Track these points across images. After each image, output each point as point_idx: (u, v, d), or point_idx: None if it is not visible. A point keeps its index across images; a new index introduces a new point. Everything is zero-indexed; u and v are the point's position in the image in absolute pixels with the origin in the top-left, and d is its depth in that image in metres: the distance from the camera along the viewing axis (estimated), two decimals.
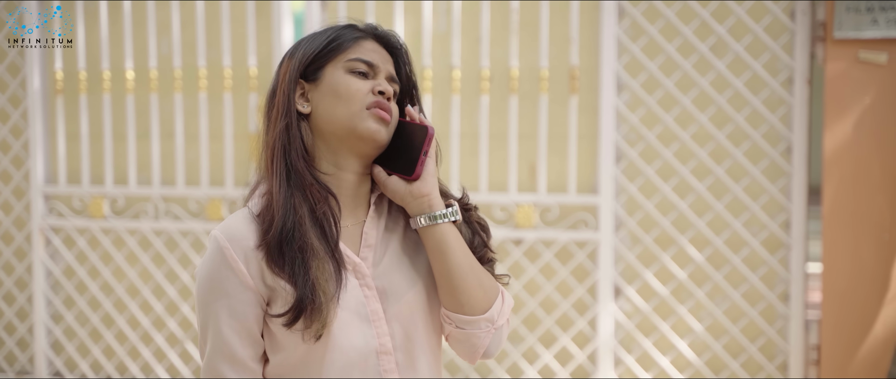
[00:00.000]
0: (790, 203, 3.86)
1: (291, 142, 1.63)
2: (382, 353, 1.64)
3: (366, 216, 1.69)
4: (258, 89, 4.28)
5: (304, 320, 1.56)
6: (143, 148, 4.45)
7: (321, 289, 1.56)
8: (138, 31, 4.42)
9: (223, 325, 1.61)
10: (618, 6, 3.92)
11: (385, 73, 1.68)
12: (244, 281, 1.60)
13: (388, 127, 1.65)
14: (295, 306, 1.56)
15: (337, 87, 1.64)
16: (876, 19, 3.61)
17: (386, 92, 1.64)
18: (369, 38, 1.70)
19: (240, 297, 1.60)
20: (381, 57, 1.68)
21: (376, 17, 4.18)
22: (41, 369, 4.59)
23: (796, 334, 3.87)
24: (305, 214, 1.60)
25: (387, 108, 1.64)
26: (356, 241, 1.67)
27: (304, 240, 1.58)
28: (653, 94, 3.94)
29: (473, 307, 1.65)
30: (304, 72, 1.67)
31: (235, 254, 1.59)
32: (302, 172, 1.62)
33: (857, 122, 3.67)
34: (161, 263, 4.46)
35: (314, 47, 1.67)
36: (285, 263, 1.57)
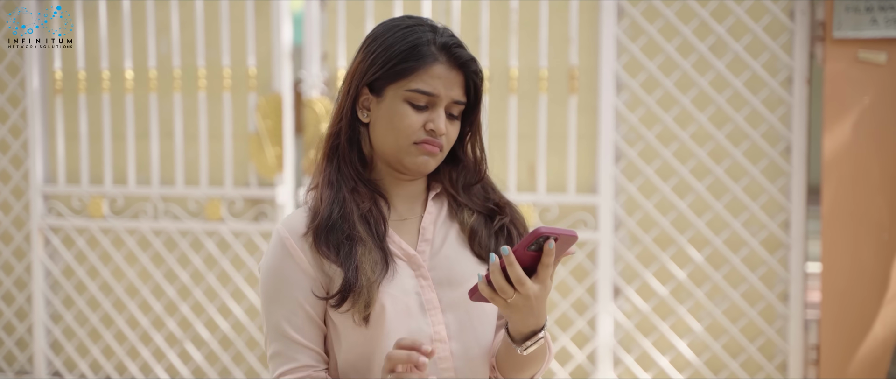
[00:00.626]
0: (789, 203, 3.86)
1: (344, 147, 1.70)
2: (437, 341, 1.68)
3: (424, 211, 1.75)
4: (257, 89, 4.28)
5: (350, 301, 1.62)
6: (142, 148, 4.45)
7: (364, 273, 1.62)
8: (137, 31, 4.42)
9: (288, 311, 1.67)
10: (617, 6, 3.92)
11: (446, 102, 1.68)
12: (304, 268, 1.67)
13: (437, 157, 1.69)
14: (342, 288, 1.63)
15: (392, 116, 1.67)
16: (875, 19, 3.61)
17: (437, 131, 1.66)
18: (438, 60, 1.67)
19: (301, 283, 1.67)
20: (446, 83, 1.67)
21: (375, 18, 4.18)
22: (40, 369, 4.59)
23: (795, 334, 3.87)
24: (353, 209, 1.67)
25: (435, 144, 1.67)
26: (414, 235, 1.73)
27: (351, 229, 1.65)
28: (652, 94, 3.94)
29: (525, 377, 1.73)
30: (371, 82, 1.69)
31: (295, 241, 1.67)
32: (350, 175, 1.70)
33: (856, 122, 3.67)
34: (160, 263, 4.46)
35: (380, 62, 1.68)
36: (332, 248, 1.64)
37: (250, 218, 4.34)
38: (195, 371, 4.46)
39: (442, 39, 1.68)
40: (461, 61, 1.68)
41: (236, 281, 4.36)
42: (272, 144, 4.22)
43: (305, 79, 4.20)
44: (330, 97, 4.24)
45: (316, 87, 4.20)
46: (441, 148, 1.68)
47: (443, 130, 1.66)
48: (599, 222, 3.97)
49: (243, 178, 4.37)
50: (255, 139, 4.24)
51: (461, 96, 1.69)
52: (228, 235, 4.33)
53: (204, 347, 4.45)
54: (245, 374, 4.41)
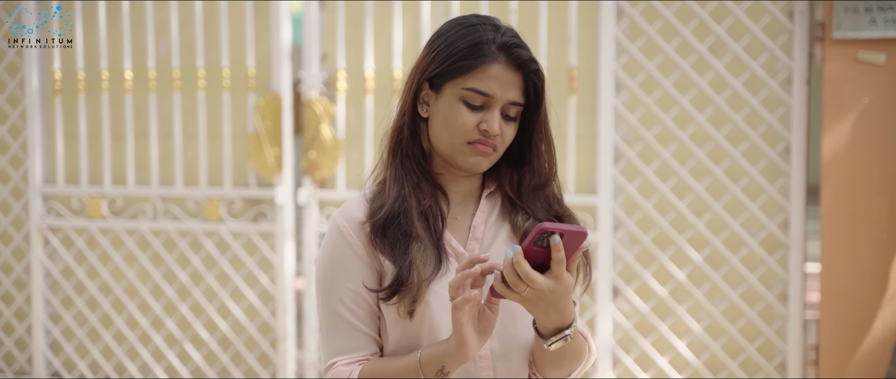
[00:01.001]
0: (789, 203, 3.86)
1: (407, 142, 1.72)
2: None
3: (477, 209, 1.76)
4: (256, 89, 4.28)
5: (399, 296, 1.65)
6: (141, 148, 4.45)
7: (417, 269, 1.65)
8: (137, 32, 4.42)
9: (345, 296, 1.70)
10: (616, 6, 3.92)
11: (502, 103, 1.67)
12: (360, 255, 1.70)
13: (491, 157, 1.69)
14: (393, 283, 1.65)
15: (447, 114, 1.68)
16: (874, 19, 3.61)
17: (490, 131, 1.66)
18: (497, 60, 1.67)
19: (358, 270, 1.70)
20: (503, 83, 1.66)
21: (375, 18, 4.18)
22: (39, 369, 4.58)
23: (795, 334, 3.87)
24: (413, 206, 1.69)
25: (488, 144, 1.67)
26: (465, 233, 1.74)
27: (409, 226, 1.68)
28: (651, 95, 3.94)
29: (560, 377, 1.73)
30: (431, 78, 1.70)
31: (351, 228, 1.71)
32: (413, 171, 1.72)
33: (855, 123, 3.67)
34: (159, 263, 4.46)
35: (441, 58, 1.69)
36: (387, 244, 1.67)
37: (249, 218, 4.34)
38: (194, 371, 4.46)
39: (502, 39, 1.67)
40: (520, 61, 1.67)
41: (235, 281, 4.36)
42: (271, 145, 4.22)
43: (305, 79, 4.20)
44: (329, 97, 4.24)
45: (315, 88, 4.20)
46: (495, 148, 1.68)
47: (496, 131, 1.66)
48: (599, 223, 3.97)
49: (242, 178, 4.37)
50: (255, 140, 4.24)
51: (518, 97, 1.68)
52: (228, 236, 4.33)
53: (203, 347, 4.45)
54: (244, 374, 4.41)
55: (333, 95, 4.23)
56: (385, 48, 4.19)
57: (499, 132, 1.67)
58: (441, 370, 1.61)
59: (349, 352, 1.71)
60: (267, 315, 4.34)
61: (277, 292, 4.28)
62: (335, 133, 4.20)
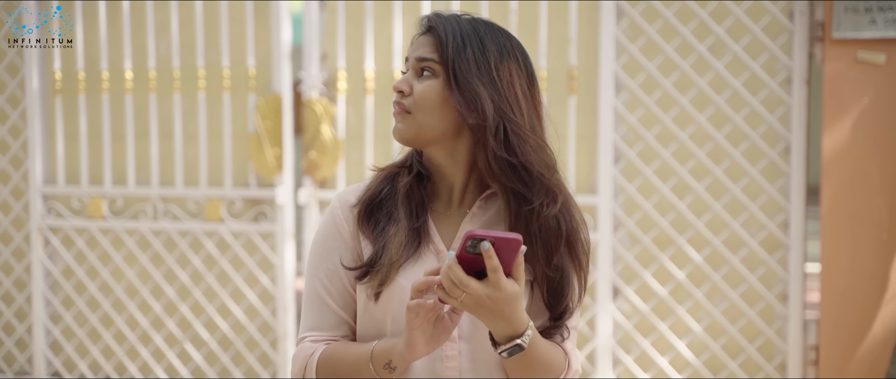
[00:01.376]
0: (789, 203, 3.86)
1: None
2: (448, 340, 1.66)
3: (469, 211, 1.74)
4: (257, 89, 4.28)
5: (369, 276, 1.68)
6: (141, 148, 4.45)
7: (388, 252, 1.67)
8: (137, 32, 4.42)
9: (324, 276, 1.74)
10: (616, 6, 3.92)
11: (412, 65, 1.70)
12: (344, 236, 1.73)
13: (407, 120, 1.68)
14: (366, 262, 1.68)
15: None
16: (874, 19, 3.61)
17: (395, 89, 1.69)
18: (419, 32, 1.72)
19: (338, 250, 1.73)
20: (415, 47, 1.71)
21: (375, 18, 4.18)
22: (40, 370, 4.59)
23: (795, 334, 3.87)
24: (400, 190, 1.71)
25: (398, 104, 1.69)
26: (452, 231, 1.74)
27: (392, 209, 1.70)
28: (651, 95, 3.94)
29: None
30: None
31: (341, 211, 1.75)
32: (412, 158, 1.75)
33: (855, 123, 3.67)
34: (160, 264, 4.46)
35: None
36: (370, 225, 1.71)
37: (250, 218, 4.34)
38: (195, 371, 4.46)
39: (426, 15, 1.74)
40: (426, 24, 1.71)
41: (236, 281, 4.36)
42: (271, 145, 4.22)
43: (305, 79, 4.20)
44: (329, 97, 4.24)
45: (315, 88, 4.20)
46: (406, 109, 1.68)
47: (400, 87, 1.68)
48: (599, 223, 3.97)
49: (243, 178, 4.37)
50: (255, 140, 4.24)
51: (427, 53, 1.68)
52: (228, 236, 4.33)
53: (203, 347, 4.45)
54: (244, 374, 4.41)
55: (333, 95, 4.23)
56: (385, 48, 4.19)
57: (403, 89, 1.68)
58: (388, 364, 1.62)
59: (320, 329, 1.74)
60: (267, 315, 4.34)
61: (278, 292, 4.28)
62: (335, 133, 4.21)
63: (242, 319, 4.37)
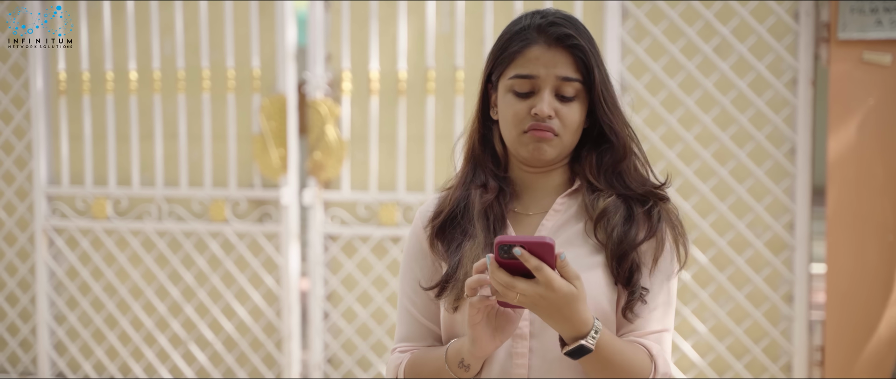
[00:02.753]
0: (794, 204, 3.86)
1: (478, 150, 1.74)
2: (518, 336, 1.67)
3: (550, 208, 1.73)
4: (261, 90, 4.28)
5: (446, 293, 1.68)
6: (146, 149, 4.45)
7: (464, 267, 1.65)
8: (141, 32, 4.42)
9: (407, 287, 1.78)
10: (621, 7, 3.92)
11: (551, 83, 1.64)
12: (423, 246, 1.76)
13: (553, 143, 1.64)
14: (442, 280, 1.69)
15: (503, 109, 1.68)
16: (880, 20, 3.61)
17: (540, 113, 1.62)
18: (536, 42, 1.65)
19: (418, 258, 1.77)
20: (546, 62, 1.63)
21: (380, 19, 4.18)
22: (44, 370, 4.59)
23: (800, 335, 3.87)
24: (476, 205, 1.70)
25: (545, 128, 1.63)
26: (531, 230, 1.72)
27: (468, 225, 1.69)
28: (657, 95, 3.94)
29: None
30: (489, 79, 1.72)
31: (422, 222, 1.77)
32: (483, 174, 1.73)
33: (861, 124, 3.67)
34: (164, 264, 4.46)
35: (493, 54, 1.70)
36: (445, 243, 1.71)
37: (254, 219, 4.34)
38: (199, 372, 4.46)
39: (539, 21, 1.66)
40: (557, 36, 1.64)
41: (240, 282, 4.36)
42: (276, 146, 4.22)
43: (310, 80, 4.20)
44: (334, 98, 4.24)
45: (320, 88, 4.20)
46: (554, 132, 1.64)
47: (546, 112, 1.62)
48: None
49: (247, 179, 4.37)
50: (260, 140, 4.24)
51: (569, 72, 1.64)
52: (233, 237, 4.33)
53: (208, 348, 4.45)
54: (249, 374, 4.41)
55: (338, 96, 4.23)
56: (390, 49, 4.19)
57: (551, 113, 1.62)
58: (461, 363, 1.63)
59: (408, 340, 1.78)
60: (272, 316, 4.34)
61: (282, 293, 4.28)
62: (340, 134, 4.20)
63: (247, 319, 4.37)
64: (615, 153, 1.70)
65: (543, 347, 1.67)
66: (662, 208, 1.72)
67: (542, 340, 1.67)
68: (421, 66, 4.17)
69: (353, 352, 4.32)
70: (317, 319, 4.28)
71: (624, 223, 1.67)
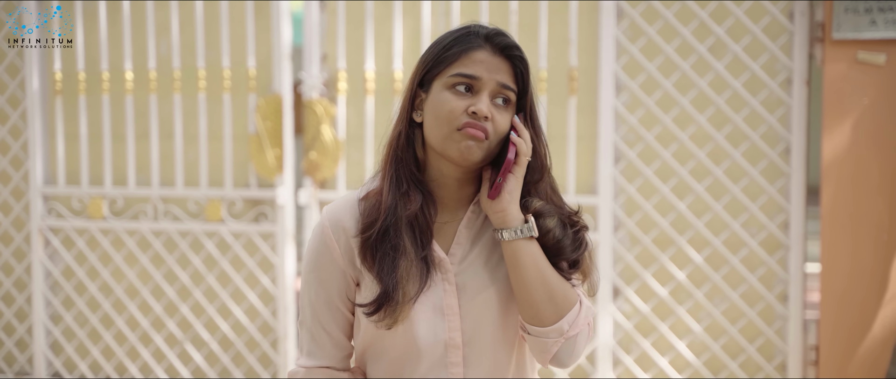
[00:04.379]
0: (789, 204, 3.86)
1: (402, 149, 1.73)
2: (451, 346, 1.72)
3: (464, 216, 1.76)
4: (257, 90, 4.28)
5: (382, 313, 1.67)
6: (142, 149, 4.46)
7: (403, 288, 1.67)
8: (137, 32, 4.42)
9: (319, 301, 1.76)
10: (617, 7, 3.92)
11: (491, 87, 1.67)
12: (335, 258, 1.73)
13: (483, 145, 1.67)
14: (377, 300, 1.68)
15: (436, 105, 1.68)
16: (874, 20, 3.61)
17: (479, 112, 1.65)
18: (482, 47, 1.69)
19: (330, 271, 1.74)
20: (489, 67, 1.68)
21: (375, 19, 4.18)
22: (40, 370, 4.59)
23: (795, 335, 3.87)
24: (403, 217, 1.69)
25: (478, 127, 1.66)
26: (449, 238, 1.75)
27: (397, 240, 1.68)
28: (652, 95, 3.94)
29: (542, 319, 1.69)
30: (421, 80, 1.72)
31: (333, 233, 1.73)
32: (405, 178, 1.72)
33: (855, 123, 3.68)
34: (160, 264, 4.46)
35: (429, 57, 1.72)
36: (376, 260, 1.69)
37: (250, 219, 4.34)
38: (195, 372, 4.46)
39: (486, 30, 1.70)
40: (502, 46, 1.69)
41: (236, 282, 4.36)
42: (272, 145, 4.22)
43: (305, 80, 4.21)
44: (329, 98, 4.24)
45: (316, 89, 4.20)
46: (486, 133, 1.66)
47: (484, 112, 1.65)
48: (599, 223, 3.97)
49: (243, 179, 4.37)
50: (255, 140, 4.25)
51: (508, 81, 1.69)
52: (228, 236, 4.33)
53: (204, 347, 4.46)
54: (245, 374, 4.42)
55: (334, 96, 4.23)
56: (385, 49, 4.19)
57: (488, 114, 1.65)
58: None
59: (314, 356, 1.78)
60: (267, 316, 4.34)
61: (278, 293, 4.28)
62: (336, 134, 4.21)
63: (243, 319, 4.37)
64: (533, 172, 1.74)
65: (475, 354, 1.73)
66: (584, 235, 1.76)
67: (473, 347, 1.73)
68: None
69: None
70: None
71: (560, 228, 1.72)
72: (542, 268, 1.68)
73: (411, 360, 1.72)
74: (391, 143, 1.75)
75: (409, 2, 4.15)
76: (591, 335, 1.74)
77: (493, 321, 1.73)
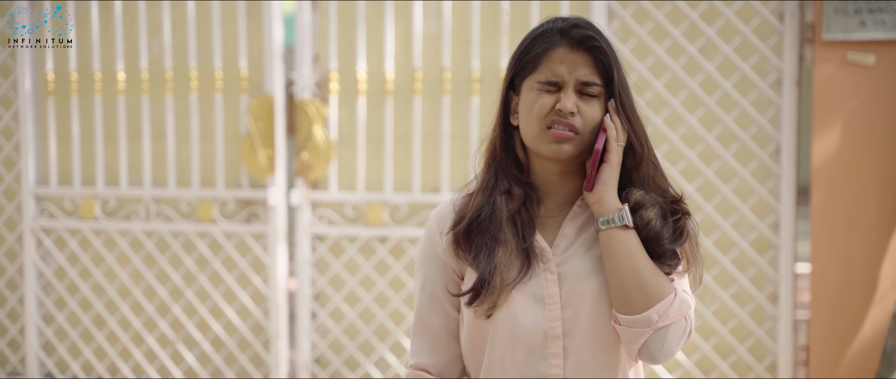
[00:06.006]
0: (779, 204, 3.87)
1: (500, 154, 1.77)
2: (551, 336, 1.71)
3: (570, 210, 1.77)
4: (249, 90, 4.28)
5: (480, 299, 1.69)
6: (134, 149, 4.46)
7: (501, 274, 1.68)
8: (129, 33, 4.42)
9: (420, 290, 1.81)
10: (608, 7, 3.93)
11: (573, 83, 1.70)
12: (439, 252, 1.78)
13: (573, 141, 1.69)
14: (474, 287, 1.70)
15: (526, 108, 1.73)
16: (864, 21, 3.62)
17: (563, 109, 1.68)
18: (559, 44, 1.71)
19: (434, 266, 1.79)
20: (569, 65, 1.70)
21: (367, 19, 4.18)
22: (32, 370, 4.59)
23: (785, 335, 3.88)
24: (503, 211, 1.72)
25: (565, 124, 1.68)
26: (554, 231, 1.76)
27: (497, 231, 1.71)
28: (643, 96, 3.95)
29: (631, 307, 1.67)
30: (512, 83, 1.77)
31: (438, 227, 1.79)
32: (505, 179, 1.75)
33: (845, 124, 3.69)
34: (152, 264, 4.46)
35: (514, 60, 1.76)
36: (471, 250, 1.72)
37: (242, 219, 4.35)
38: (187, 372, 4.47)
39: (561, 25, 1.72)
40: (579, 39, 1.70)
41: (228, 282, 4.36)
42: (264, 146, 4.23)
43: (297, 80, 4.21)
44: (321, 99, 4.24)
45: (307, 89, 4.21)
46: (574, 129, 1.69)
47: (570, 108, 1.67)
48: None
49: (235, 179, 4.37)
50: (247, 141, 4.25)
51: (590, 76, 1.70)
52: (220, 237, 4.34)
53: (196, 347, 4.46)
54: (237, 374, 4.42)
55: (326, 97, 4.24)
56: (377, 50, 4.20)
57: (574, 110, 1.68)
58: None
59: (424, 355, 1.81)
60: (259, 316, 4.35)
61: (270, 293, 4.29)
62: (327, 134, 4.21)
63: (235, 319, 4.37)
64: (634, 156, 1.74)
65: (575, 345, 1.71)
66: (686, 224, 1.75)
67: (574, 338, 1.71)
68: (408, 67, 4.18)
69: (340, 352, 4.33)
70: (304, 319, 4.29)
71: (660, 219, 1.71)
72: (635, 256, 1.68)
73: (510, 350, 1.72)
74: (489, 148, 1.79)
75: (401, 2, 4.16)
76: (689, 331, 1.72)
77: (594, 313, 1.71)
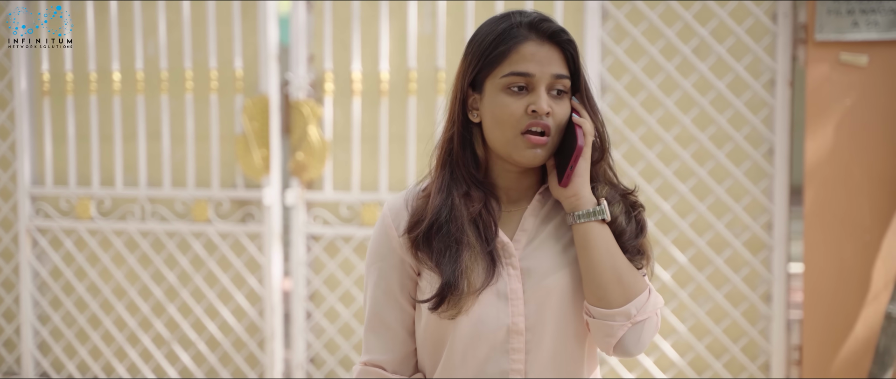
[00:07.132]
0: (772, 204, 3.88)
1: (457, 151, 1.71)
2: (513, 331, 1.68)
3: (529, 204, 1.74)
4: (244, 91, 4.29)
5: (446, 305, 1.65)
6: (129, 149, 4.46)
7: (468, 279, 1.64)
8: (125, 33, 4.43)
9: (374, 286, 1.75)
10: (601, 8, 3.94)
11: (545, 80, 1.64)
12: (395, 247, 1.72)
13: (547, 146, 1.66)
14: (439, 292, 1.65)
15: (493, 109, 1.66)
16: (856, 22, 3.63)
17: (539, 110, 1.63)
18: (528, 39, 1.65)
19: (390, 261, 1.73)
20: (540, 60, 1.64)
21: (362, 20, 4.19)
22: (28, 370, 4.59)
23: (778, 335, 3.89)
24: (464, 214, 1.67)
25: (541, 125, 1.64)
26: (514, 226, 1.73)
27: (460, 234, 1.66)
28: (636, 96, 3.96)
29: (610, 301, 1.65)
30: (472, 81, 1.69)
31: (393, 221, 1.72)
32: (463, 179, 1.70)
33: (838, 124, 3.70)
34: (148, 264, 4.47)
35: (475, 57, 1.68)
36: (433, 253, 1.66)
37: (237, 219, 4.35)
38: (183, 372, 4.47)
39: (527, 18, 1.66)
40: (549, 33, 1.65)
41: (223, 282, 4.37)
42: (259, 146, 4.24)
43: (292, 80, 4.22)
44: (316, 99, 4.25)
45: (303, 89, 4.21)
46: (547, 131, 1.64)
47: (545, 108, 1.63)
48: None
49: (230, 179, 4.38)
50: (242, 141, 4.26)
51: (561, 69, 1.66)
52: (215, 237, 4.34)
53: (191, 347, 4.46)
54: (232, 374, 4.43)
55: (321, 97, 4.25)
56: (372, 50, 4.20)
57: (548, 109, 1.63)
58: None
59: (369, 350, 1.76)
60: (255, 316, 4.35)
61: (265, 293, 4.30)
62: (322, 134, 4.22)
63: (230, 319, 4.38)
64: (594, 151, 1.72)
65: (538, 339, 1.69)
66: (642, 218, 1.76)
67: (537, 333, 1.69)
68: (403, 68, 4.19)
69: (335, 351, 4.33)
70: (299, 318, 4.30)
71: (624, 215, 1.73)
72: (612, 250, 1.67)
73: (472, 347, 1.68)
74: (443, 145, 1.73)
75: (396, 2, 4.17)
76: (658, 327, 1.73)
77: (558, 307, 1.69)
